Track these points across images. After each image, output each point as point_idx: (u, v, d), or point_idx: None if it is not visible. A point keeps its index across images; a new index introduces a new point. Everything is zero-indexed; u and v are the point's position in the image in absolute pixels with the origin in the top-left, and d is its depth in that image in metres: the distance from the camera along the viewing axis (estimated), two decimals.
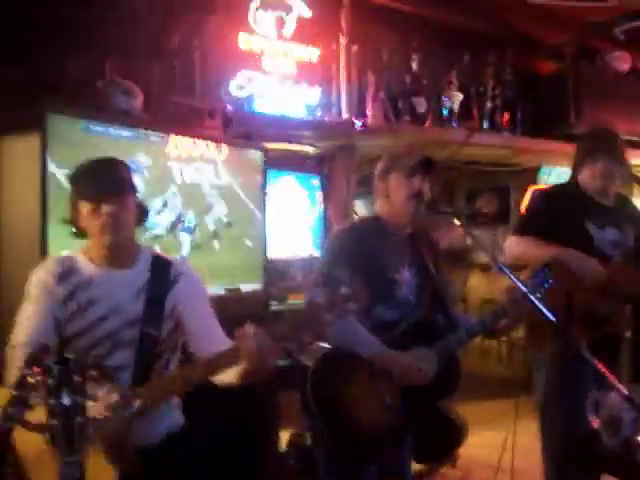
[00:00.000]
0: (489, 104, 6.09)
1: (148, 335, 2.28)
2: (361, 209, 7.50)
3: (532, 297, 2.54)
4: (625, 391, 2.37)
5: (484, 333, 3.09)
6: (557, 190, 3.89)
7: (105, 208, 2.20)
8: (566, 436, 3.32)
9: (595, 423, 3.18)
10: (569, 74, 6.27)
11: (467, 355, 7.12)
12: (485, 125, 6.06)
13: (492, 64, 6.20)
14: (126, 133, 3.82)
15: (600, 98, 6.28)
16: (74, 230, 2.32)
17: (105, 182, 2.23)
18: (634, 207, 3.74)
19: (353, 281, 2.37)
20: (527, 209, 4.01)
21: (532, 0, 5.35)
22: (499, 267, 2.63)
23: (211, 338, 2.34)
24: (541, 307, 2.49)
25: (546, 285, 2.83)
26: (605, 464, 3.28)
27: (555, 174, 7.69)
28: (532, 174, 7.75)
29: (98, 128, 3.68)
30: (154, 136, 3.95)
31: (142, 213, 2.41)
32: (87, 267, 2.31)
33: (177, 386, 2.22)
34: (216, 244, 4.33)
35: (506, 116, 6.14)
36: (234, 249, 4.44)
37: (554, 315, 2.47)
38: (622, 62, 6.40)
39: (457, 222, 2.82)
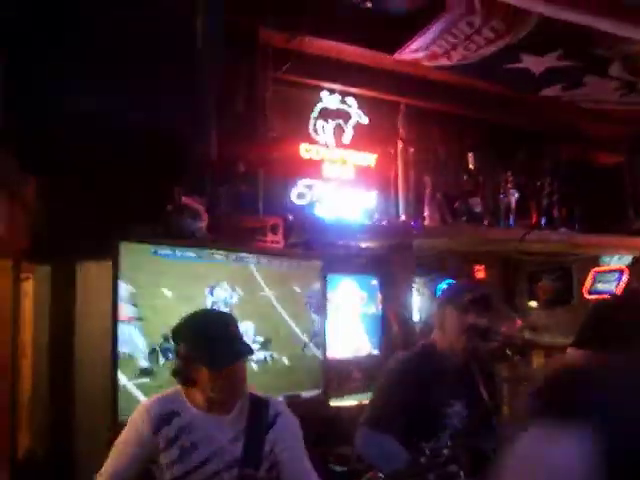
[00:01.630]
0: (545, 200, 6.15)
1: (247, 476, 2.35)
2: (421, 289, 7.59)
3: None
4: None
5: None
6: (615, 301, 3.91)
7: (222, 378, 2.31)
8: None
9: None
10: (625, 167, 6.28)
11: None
12: (542, 221, 6.11)
13: (547, 161, 6.28)
14: (192, 254, 4.05)
15: None
16: (182, 380, 2.39)
17: (226, 352, 2.30)
18: None
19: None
20: (586, 322, 3.98)
21: (584, 105, 5.46)
22: None
23: None
24: None
25: None
26: None
27: (617, 258, 7.68)
28: (594, 257, 7.75)
29: (166, 251, 3.93)
30: (219, 255, 4.16)
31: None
32: (189, 410, 2.39)
33: None
34: (279, 356, 4.47)
35: (563, 212, 6.18)
36: (296, 358, 4.56)
37: None
38: None
39: (508, 352, 2.93)
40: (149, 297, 3.81)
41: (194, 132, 4.22)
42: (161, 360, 3.75)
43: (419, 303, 6.26)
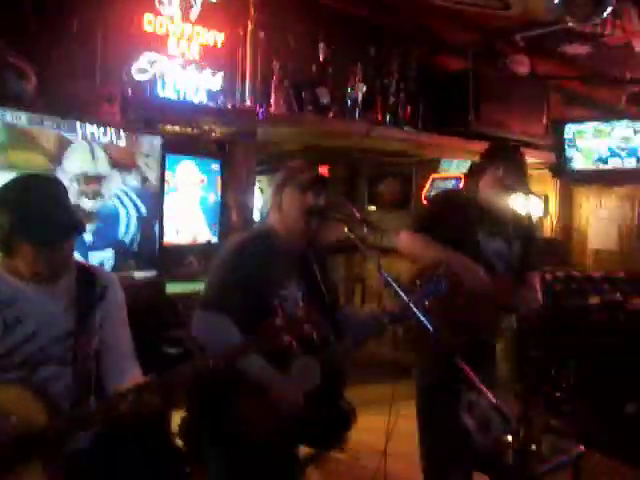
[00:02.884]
0: (392, 98, 6.17)
1: (80, 350, 2.23)
2: (264, 186, 7.56)
3: (414, 308, 2.67)
4: (492, 398, 2.52)
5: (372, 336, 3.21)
6: (454, 195, 4.09)
7: (49, 254, 2.15)
8: (442, 436, 3.48)
9: (469, 423, 3.37)
10: (470, 74, 6.38)
11: None
12: (387, 119, 6.14)
13: (397, 59, 6.28)
14: (19, 118, 3.72)
15: (498, 98, 6.48)
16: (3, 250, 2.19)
17: (51, 228, 2.13)
18: (527, 221, 3.89)
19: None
20: (424, 209, 4.11)
21: (438, 2, 5.44)
22: (384, 278, 2.76)
23: (122, 360, 2.35)
24: (421, 318, 2.63)
25: (436, 294, 3.01)
26: (477, 463, 3.49)
27: (455, 165, 7.96)
28: (434, 163, 7.99)
29: None
30: (49, 122, 3.85)
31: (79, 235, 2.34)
32: (11, 282, 2.20)
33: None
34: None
35: (408, 111, 6.24)
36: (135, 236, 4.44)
37: (432, 326, 2.60)
38: (521, 66, 6.62)
39: (346, 229, 2.93)
40: None
41: None
42: None
43: (261, 202, 6.19)
